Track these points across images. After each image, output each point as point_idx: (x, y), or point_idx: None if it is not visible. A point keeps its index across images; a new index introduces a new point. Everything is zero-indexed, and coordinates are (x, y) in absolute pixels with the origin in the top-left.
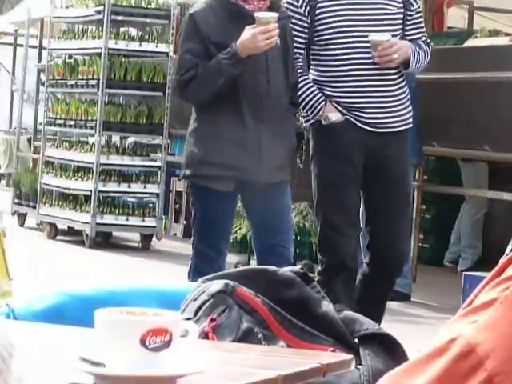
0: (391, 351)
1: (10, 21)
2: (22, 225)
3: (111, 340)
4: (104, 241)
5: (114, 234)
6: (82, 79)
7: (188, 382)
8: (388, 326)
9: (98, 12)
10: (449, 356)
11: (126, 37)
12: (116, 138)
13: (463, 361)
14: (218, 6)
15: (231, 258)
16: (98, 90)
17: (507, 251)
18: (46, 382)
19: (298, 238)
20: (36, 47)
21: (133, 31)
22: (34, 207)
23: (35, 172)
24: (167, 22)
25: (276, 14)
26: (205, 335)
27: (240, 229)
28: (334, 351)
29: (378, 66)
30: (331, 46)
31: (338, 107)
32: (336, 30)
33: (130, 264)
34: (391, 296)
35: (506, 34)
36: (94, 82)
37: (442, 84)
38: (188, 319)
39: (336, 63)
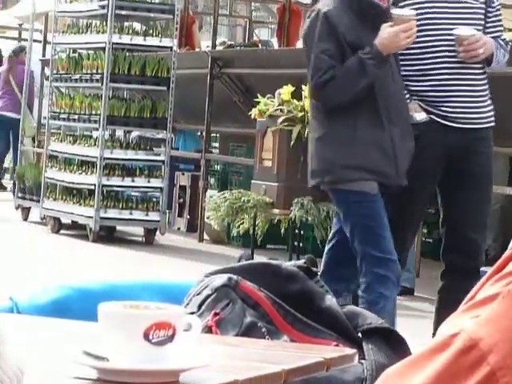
0: (394, 345)
1: (15, 15)
2: (25, 219)
3: (114, 334)
4: (108, 235)
5: (118, 228)
6: (86, 73)
7: (191, 376)
8: None
9: (102, 6)
10: (451, 351)
11: (130, 31)
12: (120, 132)
13: (465, 356)
14: (350, 4)
15: (234, 252)
16: (101, 84)
17: (510, 245)
18: (50, 376)
19: (302, 232)
20: (40, 41)
21: (137, 26)
22: (38, 201)
23: (39, 166)
24: (171, 17)
25: (414, 12)
26: (208, 329)
27: (243, 223)
28: (337, 345)
29: (462, 60)
30: (417, 39)
31: (422, 104)
32: (421, 22)
33: (133, 258)
34: None
35: (510, 30)
36: (98, 77)
37: None
38: (191, 313)
39: (422, 56)
